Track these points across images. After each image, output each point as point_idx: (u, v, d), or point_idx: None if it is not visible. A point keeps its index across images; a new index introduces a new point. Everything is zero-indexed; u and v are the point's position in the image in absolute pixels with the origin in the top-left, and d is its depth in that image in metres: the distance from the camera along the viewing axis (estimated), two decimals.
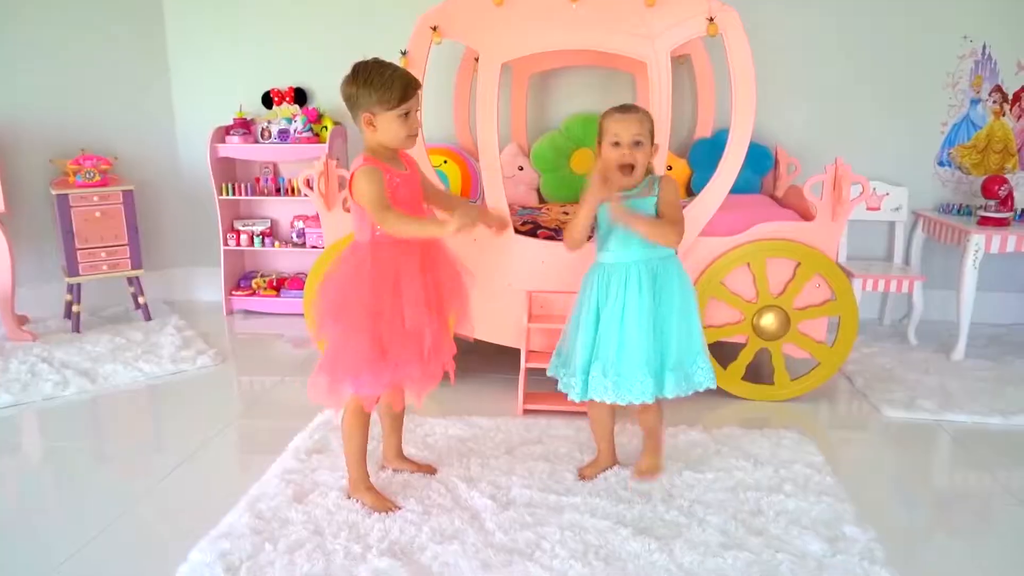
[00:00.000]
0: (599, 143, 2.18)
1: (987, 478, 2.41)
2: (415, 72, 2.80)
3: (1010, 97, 3.69)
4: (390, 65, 1.96)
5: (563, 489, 2.22)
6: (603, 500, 2.16)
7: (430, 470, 2.33)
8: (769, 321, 2.87)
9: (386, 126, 1.94)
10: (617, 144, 2.11)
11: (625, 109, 2.16)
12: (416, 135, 2.01)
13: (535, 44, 2.82)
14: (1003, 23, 3.62)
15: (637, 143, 2.10)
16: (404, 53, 2.84)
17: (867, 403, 2.94)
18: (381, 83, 1.90)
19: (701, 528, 2.02)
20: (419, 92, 1.98)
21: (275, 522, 2.04)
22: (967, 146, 3.77)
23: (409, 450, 2.45)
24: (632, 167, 2.11)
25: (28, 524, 2.15)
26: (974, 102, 3.72)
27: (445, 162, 3.76)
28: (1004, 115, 3.71)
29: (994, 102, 3.70)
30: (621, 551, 1.92)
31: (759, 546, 1.94)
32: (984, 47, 3.65)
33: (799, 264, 2.81)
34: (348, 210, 2.37)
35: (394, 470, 2.34)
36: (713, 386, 2.23)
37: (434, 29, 2.80)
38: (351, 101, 1.97)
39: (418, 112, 2.01)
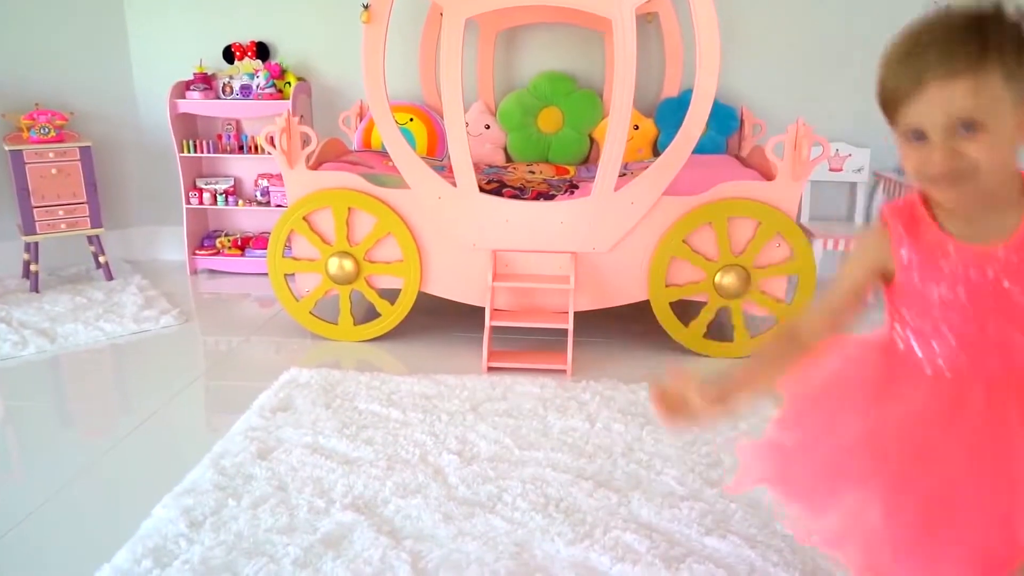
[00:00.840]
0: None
1: None
2: (377, 26, 2.76)
3: None
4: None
5: (526, 444, 2.26)
6: (565, 455, 2.20)
7: None
8: (730, 280, 2.92)
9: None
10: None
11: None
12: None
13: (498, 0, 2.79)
14: None
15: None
16: (367, 7, 2.79)
17: None
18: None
19: (659, 481, 2.08)
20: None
21: (239, 478, 2.05)
22: None
23: (372, 407, 2.47)
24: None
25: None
26: None
27: (411, 120, 3.72)
28: None
29: None
30: (581, 503, 1.97)
31: (714, 496, 2.00)
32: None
33: (760, 223, 2.85)
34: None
35: None
36: None
37: None
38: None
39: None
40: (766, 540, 1.82)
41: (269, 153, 3.08)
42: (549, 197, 3.05)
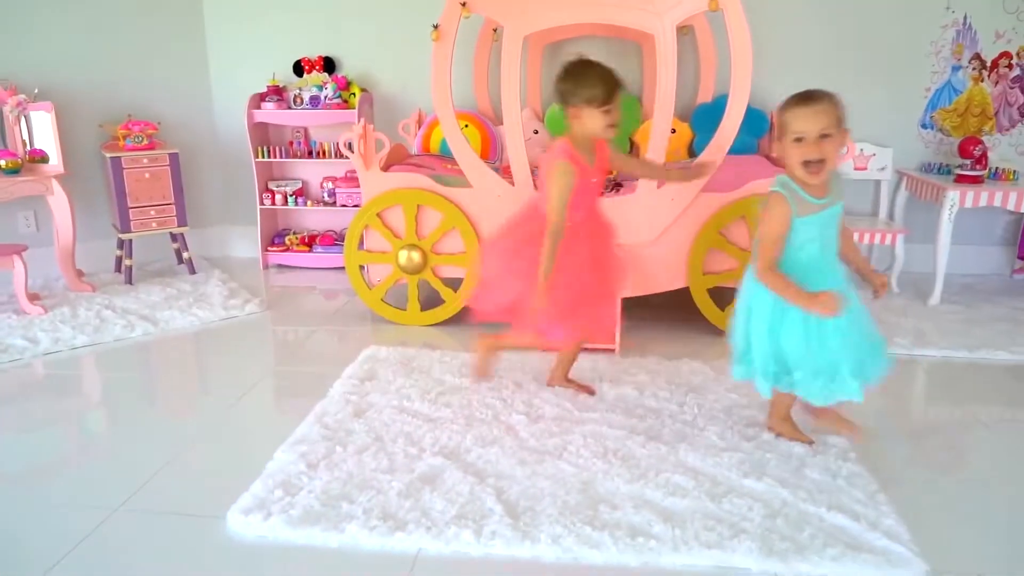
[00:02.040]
0: (780, 139, 2.09)
1: (947, 398, 2.79)
2: (445, 43, 3.12)
3: (988, 64, 4.00)
4: (596, 65, 2.36)
5: (584, 407, 2.59)
6: (619, 415, 2.53)
7: (589, 391, 2.70)
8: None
9: (590, 121, 2.32)
10: (800, 140, 2.01)
11: (807, 99, 2.03)
12: (615, 127, 2.37)
13: (555, 18, 3.12)
14: None
15: (825, 136, 2.00)
16: (436, 27, 3.14)
17: None
18: (588, 83, 2.30)
19: (702, 436, 2.39)
20: (621, 90, 2.34)
21: (341, 432, 2.41)
22: (948, 110, 4.08)
23: (447, 377, 2.81)
24: (822, 162, 2.01)
25: (129, 435, 2.52)
26: (955, 69, 4.02)
27: (466, 126, 4.07)
28: (983, 81, 4.02)
29: (973, 69, 4.01)
30: (635, 452, 2.29)
31: (751, 448, 2.31)
32: (965, 18, 3.95)
33: None
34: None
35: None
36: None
37: (463, 4, 3.09)
38: (562, 96, 2.36)
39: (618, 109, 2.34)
40: (796, 482, 2.13)
41: (347, 157, 3.45)
42: None
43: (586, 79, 2.31)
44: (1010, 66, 3.98)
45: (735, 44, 3.00)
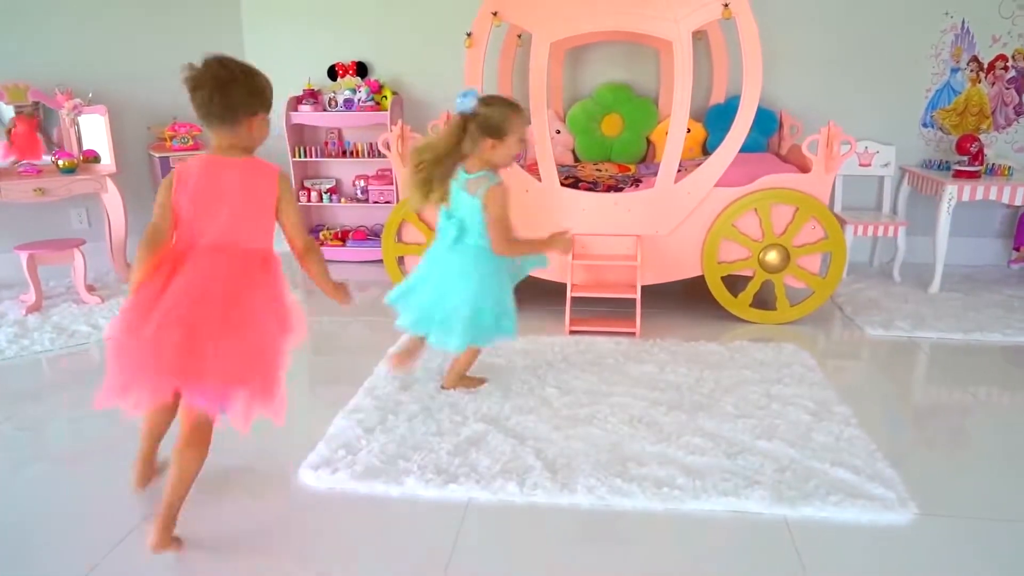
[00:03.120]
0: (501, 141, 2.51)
1: (941, 372, 3.03)
2: (477, 49, 3.37)
3: (985, 66, 4.23)
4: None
5: (611, 382, 2.84)
6: (642, 389, 2.78)
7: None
8: (772, 257, 3.46)
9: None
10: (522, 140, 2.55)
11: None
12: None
13: (580, 26, 3.37)
14: (980, 1, 4.14)
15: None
16: (469, 34, 3.40)
17: (853, 324, 3.55)
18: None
19: (718, 406, 2.64)
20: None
21: (391, 402, 2.67)
22: (948, 109, 4.32)
23: (483, 357, 3.07)
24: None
25: None
26: (954, 70, 4.26)
27: None
28: (980, 82, 4.25)
29: (971, 71, 4.24)
30: (659, 420, 2.54)
31: (763, 415, 2.56)
32: (963, 22, 4.18)
33: (797, 209, 3.39)
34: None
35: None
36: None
37: (495, 14, 3.35)
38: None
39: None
40: (803, 443, 2.38)
41: (383, 155, 3.71)
42: (618, 190, 3.63)
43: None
44: (1006, 68, 4.21)
45: (746, 49, 3.24)
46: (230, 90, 1.87)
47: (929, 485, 2.17)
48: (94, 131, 4.18)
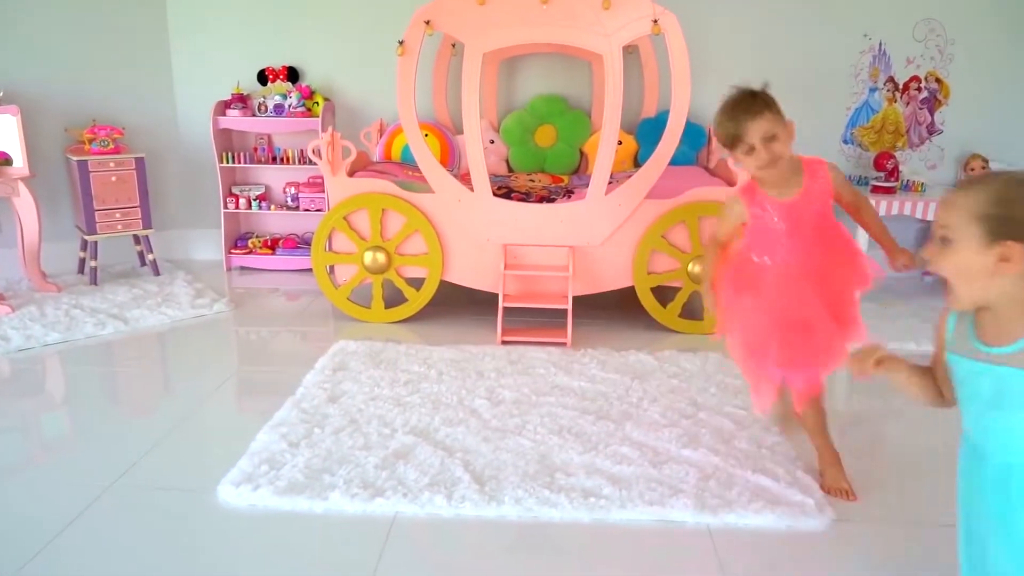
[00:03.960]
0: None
1: (859, 381, 3.14)
2: (409, 58, 3.35)
3: (901, 87, 4.43)
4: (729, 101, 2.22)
5: (540, 392, 2.85)
6: (571, 399, 2.79)
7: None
8: (700, 268, 3.53)
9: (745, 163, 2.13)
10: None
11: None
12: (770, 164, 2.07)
13: (513, 37, 3.39)
14: (896, 24, 4.34)
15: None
16: (401, 43, 3.37)
17: None
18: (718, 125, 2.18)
19: (646, 415, 2.67)
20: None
21: (318, 415, 2.61)
22: (866, 127, 4.50)
23: (413, 368, 3.03)
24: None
25: (108, 425, 2.68)
26: (872, 90, 4.44)
27: (427, 135, 4.30)
28: (896, 102, 4.45)
29: (888, 91, 4.43)
30: (587, 429, 2.56)
31: (689, 424, 2.60)
32: (880, 44, 4.37)
33: None
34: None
35: None
36: None
37: (427, 23, 3.34)
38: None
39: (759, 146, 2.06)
40: (727, 451, 2.42)
41: (313, 162, 3.64)
42: (550, 200, 3.65)
43: (717, 120, 2.18)
44: (919, 89, 4.42)
45: (675, 65, 3.31)
46: None
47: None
48: (5, 132, 3.98)
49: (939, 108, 4.44)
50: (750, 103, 2.10)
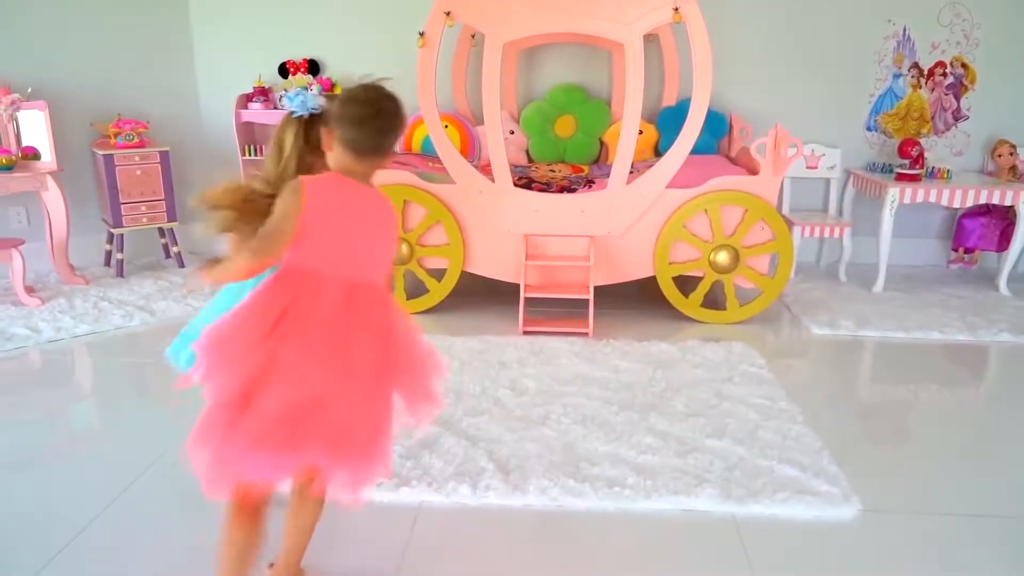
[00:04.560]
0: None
1: (884, 370, 3.11)
2: (430, 49, 3.36)
3: (925, 72, 4.36)
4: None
5: (564, 382, 2.85)
6: (595, 389, 2.80)
7: None
8: (722, 257, 3.52)
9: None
10: None
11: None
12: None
13: (533, 27, 3.38)
14: (920, 9, 4.28)
15: None
16: (422, 34, 3.37)
17: (800, 324, 3.62)
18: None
19: (670, 405, 2.67)
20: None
21: None
22: (890, 114, 4.44)
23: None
24: None
25: (138, 415, 2.72)
26: (896, 76, 4.38)
27: (446, 126, 4.29)
28: (920, 88, 4.39)
29: (912, 77, 4.37)
30: (610, 419, 2.56)
31: (713, 414, 2.60)
32: (904, 29, 4.31)
33: (747, 210, 3.45)
34: None
35: None
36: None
37: (447, 14, 3.33)
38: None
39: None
40: (752, 441, 2.42)
41: None
42: (571, 191, 3.65)
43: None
44: (945, 75, 4.35)
45: (696, 53, 3.29)
46: (398, 124, 1.63)
47: (872, 481, 2.23)
48: (34, 127, 4.04)
49: (965, 94, 4.38)
50: None
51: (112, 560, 1.92)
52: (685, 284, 3.62)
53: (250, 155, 4.55)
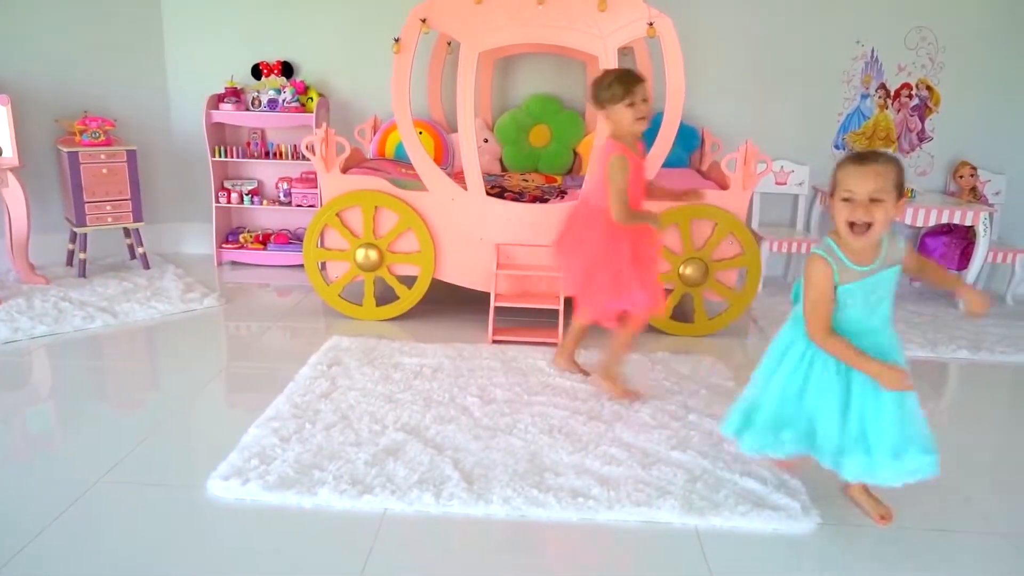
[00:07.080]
0: (831, 195, 1.96)
1: None
2: (405, 56, 3.35)
3: (892, 93, 4.46)
4: (616, 69, 2.77)
5: (532, 392, 2.85)
6: (562, 399, 2.80)
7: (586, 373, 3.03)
8: (692, 271, 3.55)
9: (619, 116, 2.65)
10: (848, 200, 1.89)
11: (863, 159, 1.89)
12: (644, 119, 2.66)
13: (508, 37, 3.39)
14: (888, 31, 4.37)
15: (875, 200, 1.86)
16: (397, 40, 3.37)
17: (767, 338, 3.65)
18: (606, 84, 2.66)
19: (636, 416, 2.68)
20: (641, 85, 2.64)
21: (310, 411, 2.61)
22: (857, 133, 4.53)
23: (406, 364, 3.03)
24: (869, 225, 1.88)
25: (96, 419, 2.66)
26: (864, 96, 4.47)
27: (421, 133, 4.29)
28: (887, 108, 4.48)
29: (879, 97, 4.47)
30: (577, 429, 2.56)
31: (678, 426, 2.61)
32: (872, 51, 4.40)
33: (716, 224, 3.49)
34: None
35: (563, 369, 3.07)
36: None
37: (423, 21, 3.33)
38: (595, 100, 2.72)
39: (645, 102, 2.65)
40: (716, 454, 2.44)
41: (306, 158, 3.63)
42: (543, 200, 3.66)
43: (604, 81, 2.67)
44: (910, 96, 4.45)
45: (669, 67, 3.33)
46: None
47: (832, 495, 2.25)
48: None
49: (929, 115, 4.48)
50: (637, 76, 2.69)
51: (68, 565, 1.87)
52: None
53: (220, 156, 4.50)
